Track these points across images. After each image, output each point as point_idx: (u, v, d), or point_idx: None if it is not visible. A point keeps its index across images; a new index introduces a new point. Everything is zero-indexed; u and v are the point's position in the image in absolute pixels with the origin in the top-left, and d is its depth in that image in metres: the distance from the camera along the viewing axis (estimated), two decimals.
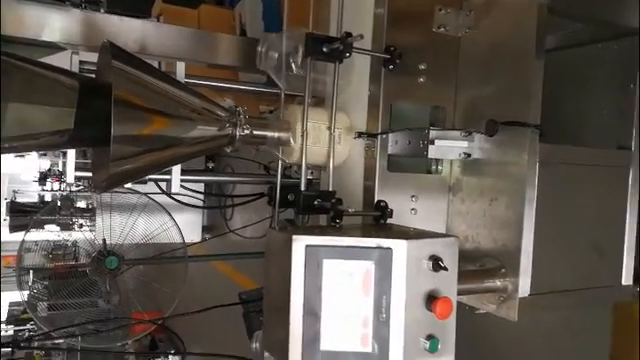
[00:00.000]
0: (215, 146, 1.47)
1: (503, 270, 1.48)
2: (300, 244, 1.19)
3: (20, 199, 5.28)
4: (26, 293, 4.92)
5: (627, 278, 1.65)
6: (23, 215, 4.60)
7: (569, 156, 1.55)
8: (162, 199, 3.90)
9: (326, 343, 1.19)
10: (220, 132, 1.44)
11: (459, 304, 1.33)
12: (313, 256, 1.19)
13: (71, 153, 1.72)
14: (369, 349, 1.20)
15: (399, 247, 1.19)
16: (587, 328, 1.98)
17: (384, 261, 1.19)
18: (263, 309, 1.34)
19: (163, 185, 1.93)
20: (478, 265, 1.54)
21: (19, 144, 1.25)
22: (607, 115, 1.71)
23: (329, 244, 1.20)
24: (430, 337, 1.22)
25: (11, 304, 13.31)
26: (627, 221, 1.63)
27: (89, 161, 1.64)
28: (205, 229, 6.02)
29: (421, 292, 1.21)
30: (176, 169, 1.69)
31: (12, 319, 11.75)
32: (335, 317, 1.20)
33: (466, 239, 1.59)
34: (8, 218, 4.74)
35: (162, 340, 7.23)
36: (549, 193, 1.46)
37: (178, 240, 4.06)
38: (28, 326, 9.78)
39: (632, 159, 1.65)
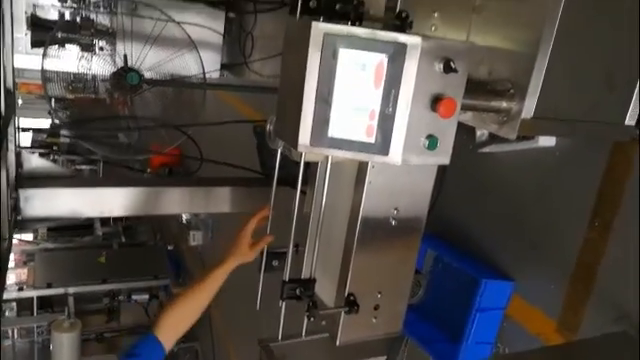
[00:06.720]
0: None
1: (512, 91, 1.52)
2: (318, 31, 1.22)
3: (40, 15, 5.22)
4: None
5: (631, 118, 1.69)
6: (44, 30, 4.60)
7: None
8: None
9: (334, 130, 1.28)
10: None
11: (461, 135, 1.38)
12: (330, 44, 1.22)
13: None
14: (372, 140, 1.29)
15: (414, 43, 1.22)
16: (580, 162, 2.08)
17: (398, 56, 1.23)
18: (277, 99, 1.41)
19: None
20: (488, 87, 1.58)
21: None
22: None
23: (346, 33, 1.22)
24: (430, 136, 1.31)
25: (34, 131, 13.91)
26: None
27: None
28: (223, 67, 6.02)
29: (429, 92, 1.27)
30: None
31: (36, 144, 12.36)
32: (345, 106, 1.27)
33: (482, 61, 1.61)
34: (29, 32, 4.75)
35: (179, 172, 7.65)
36: (573, 17, 1.44)
37: (196, 69, 4.13)
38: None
39: None
